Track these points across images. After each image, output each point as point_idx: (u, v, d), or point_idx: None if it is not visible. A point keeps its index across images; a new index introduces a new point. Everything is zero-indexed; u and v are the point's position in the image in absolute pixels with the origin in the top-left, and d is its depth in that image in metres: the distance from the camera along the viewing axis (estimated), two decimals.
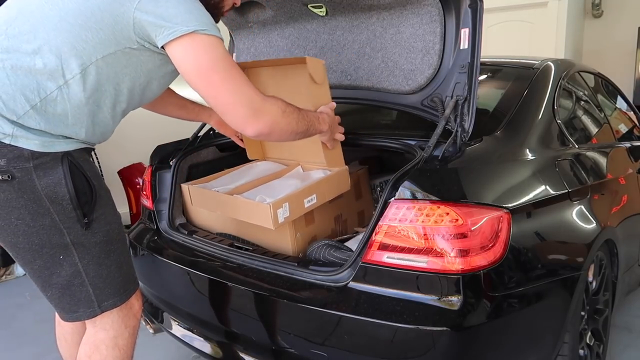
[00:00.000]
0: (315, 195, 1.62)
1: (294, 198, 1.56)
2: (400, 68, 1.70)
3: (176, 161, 1.97)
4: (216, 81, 1.23)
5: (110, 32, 1.21)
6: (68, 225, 1.24)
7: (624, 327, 2.50)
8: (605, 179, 2.02)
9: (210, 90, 1.25)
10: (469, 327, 1.28)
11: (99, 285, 1.31)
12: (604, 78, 2.73)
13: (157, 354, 2.34)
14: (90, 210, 1.27)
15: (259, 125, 1.28)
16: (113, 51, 1.22)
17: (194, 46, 1.22)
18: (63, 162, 1.22)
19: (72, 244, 1.26)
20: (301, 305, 1.42)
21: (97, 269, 1.30)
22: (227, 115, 1.28)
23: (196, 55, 1.23)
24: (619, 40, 5.31)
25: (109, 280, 1.33)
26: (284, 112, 1.33)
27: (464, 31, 1.53)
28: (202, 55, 1.23)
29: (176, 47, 1.22)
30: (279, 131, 1.34)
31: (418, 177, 1.37)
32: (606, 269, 1.92)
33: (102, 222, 1.31)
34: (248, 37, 2.08)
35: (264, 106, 1.28)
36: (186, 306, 1.82)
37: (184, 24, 1.20)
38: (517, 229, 1.38)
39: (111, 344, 1.40)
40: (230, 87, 1.25)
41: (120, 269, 1.36)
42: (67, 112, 1.22)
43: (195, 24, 1.21)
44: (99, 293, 1.32)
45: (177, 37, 1.20)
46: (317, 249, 1.60)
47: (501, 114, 1.76)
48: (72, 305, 1.32)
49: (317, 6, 1.80)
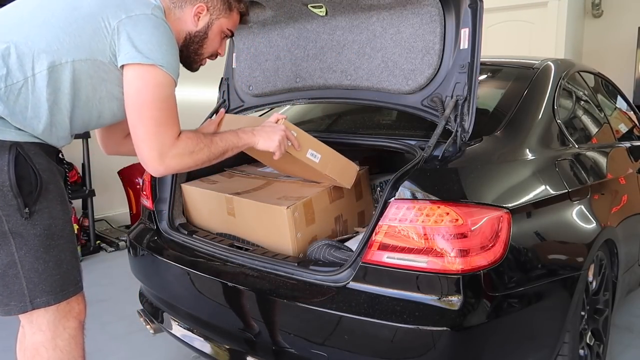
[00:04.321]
0: (320, 156, 1.60)
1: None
2: (400, 68, 1.70)
3: None
4: (144, 117, 1.29)
5: (87, 41, 1.28)
6: (7, 213, 1.24)
7: (624, 327, 2.50)
8: (605, 178, 2.02)
9: (134, 121, 1.30)
10: (469, 327, 1.28)
11: (34, 280, 1.29)
12: (604, 78, 2.73)
13: (157, 354, 2.34)
14: (33, 201, 1.26)
15: (158, 169, 1.33)
16: (84, 58, 1.28)
17: (145, 77, 1.28)
18: (10, 151, 1.23)
19: (9, 232, 1.25)
20: (301, 305, 1.42)
21: (33, 263, 1.28)
22: (136, 148, 1.32)
23: (142, 85, 1.29)
24: (619, 40, 5.31)
25: (44, 276, 1.30)
26: (192, 152, 1.35)
27: (464, 31, 1.53)
28: (146, 89, 1.29)
29: (130, 70, 1.29)
30: (186, 169, 1.39)
31: (418, 177, 1.37)
32: (606, 269, 1.92)
33: (45, 215, 1.29)
34: (248, 37, 2.08)
35: (170, 158, 1.31)
36: (186, 306, 1.82)
37: (148, 54, 1.27)
38: (517, 228, 1.38)
39: (51, 346, 1.36)
40: (151, 129, 1.28)
41: (59, 267, 1.33)
42: (28, 105, 1.26)
43: (158, 58, 1.28)
44: (33, 288, 1.29)
45: (135, 63, 1.27)
46: (317, 249, 1.60)
47: (501, 113, 1.76)
48: (5, 297, 1.30)
49: (317, 6, 1.80)
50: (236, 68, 2.14)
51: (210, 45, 1.52)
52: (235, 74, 2.15)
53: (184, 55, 1.48)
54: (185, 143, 1.34)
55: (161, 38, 1.30)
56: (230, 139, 1.45)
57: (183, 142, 1.34)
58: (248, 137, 1.49)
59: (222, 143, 1.43)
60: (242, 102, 2.15)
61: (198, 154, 1.37)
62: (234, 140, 1.46)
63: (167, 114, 1.31)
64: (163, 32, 1.31)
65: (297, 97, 2.00)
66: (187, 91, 4.64)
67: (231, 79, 2.18)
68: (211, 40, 1.51)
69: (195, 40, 1.48)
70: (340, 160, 1.67)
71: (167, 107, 1.31)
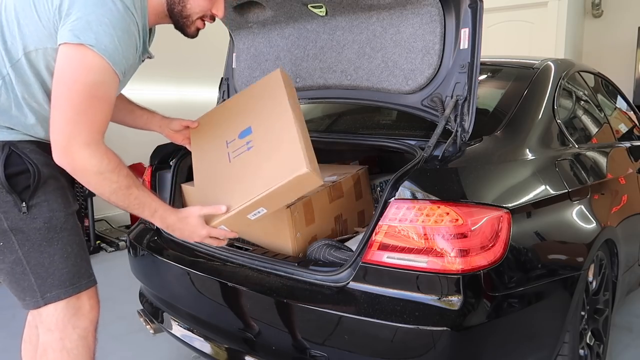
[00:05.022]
0: (264, 209, 1.37)
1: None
2: (400, 68, 1.70)
3: (176, 161, 1.97)
4: (62, 98, 1.15)
5: (34, 28, 1.19)
6: (4, 209, 1.22)
7: (625, 326, 2.51)
8: (605, 178, 2.02)
9: (54, 100, 1.17)
10: (469, 327, 1.28)
11: (41, 275, 1.27)
12: (604, 78, 2.74)
13: (157, 354, 2.34)
14: (30, 195, 1.24)
15: (62, 160, 1.17)
16: (33, 48, 1.21)
17: (70, 56, 1.15)
18: (3, 150, 1.22)
19: (10, 229, 1.24)
20: (301, 305, 1.42)
21: (38, 257, 1.26)
22: (50, 131, 1.18)
23: (66, 64, 1.15)
24: (618, 40, 5.31)
25: (51, 269, 1.28)
26: (100, 173, 1.18)
27: (464, 31, 1.53)
28: (70, 68, 1.15)
29: (61, 50, 1.16)
30: (85, 183, 1.21)
31: (418, 177, 1.37)
32: (606, 269, 1.92)
33: (45, 208, 1.26)
34: (248, 37, 2.08)
35: (77, 151, 1.15)
36: (186, 306, 1.82)
37: (78, 32, 1.13)
38: (517, 228, 1.38)
39: (58, 347, 1.32)
40: (67, 114, 1.15)
41: (67, 260, 1.30)
42: (11, 103, 1.23)
43: (90, 37, 1.13)
44: (42, 283, 1.28)
45: (65, 42, 1.14)
46: (317, 248, 1.60)
47: (501, 113, 1.76)
48: (20, 292, 1.30)
49: (317, 6, 1.80)
50: (236, 68, 2.14)
51: (195, 4, 1.35)
52: (235, 74, 2.15)
53: (173, 20, 1.37)
54: (100, 156, 1.17)
55: (100, 16, 1.13)
56: (146, 207, 1.28)
57: (98, 153, 1.17)
58: (161, 222, 1.32)
59: (135, 200, 1.26)
60: None
61: (104, 182, 1.19)
62: (146, 212, 1.29)
63: (89, 105, 1.15)
64: (106, 10, 1.14)
65: (297, 97, 2.00)
66: (186, 91, 4.66)
67: (231, 79, 2.18)
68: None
69: (176, 1, 1.33)
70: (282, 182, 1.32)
71: (91, 95, 1.15)
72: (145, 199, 1.28)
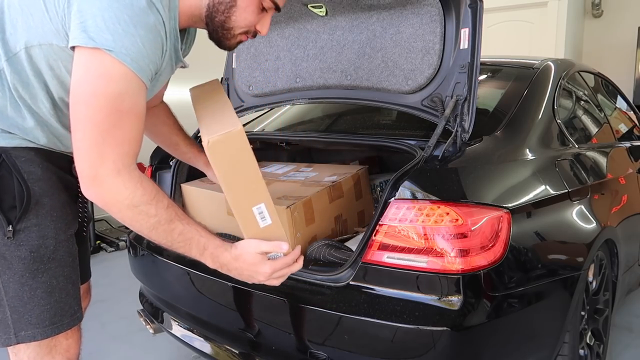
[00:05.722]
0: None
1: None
2: (400, 68, 1.70)
3: (176, 161, 1.97)
4: (82, 117, 0.96)
5: (39, 21, 1.03)
6: None
7: (625, 326, 2.51)
8: (605, 178, 2.02)
9: (72, 121, 0.98)
10: (469, 327, 1.28)
11: (18, 310, 1.10)
12: (604, 78, 2.74)
13: (157, 354, 2.34)
14: (19, 217, 1.08)
15: (90, 192, 0.98)
16: (36, 43, 1.05)
17: (86, 64, 0.96)
18: None
19: None
20: (301, 305, 1.42)
21: (18, 290, 1.09)
22: (75, 157, 0.99)
23: (82, 75, 0.96)
24: (618, 40, 5.31)
25: (30, 305, 1.11)
26: (136, 207, 0.99)
27: (464, 31, 1.53)
28: (86, 79, 0.96)
29: (75, 56, 0.98)
30: (120, 218, 1.01)
31: (418, 177, 1.37)
32: (606, 269, 1.92)
33: (34, 234, 1.09)
34: None
35: (107, 181, 0.96)
36: (186, 306, 1.82)
37: (93, 33, 0.94)
38: (517, 228, 1.38)
39: None
40: (89, 135, 0.95)
41: (50, 296, 1.12)
42: (7, 102, 1.08)
43: (107, 40, 0.93)
44: (17, 318, 1.11)
45: (78, 45, 0.96)
46: (317, 248, 1.60)
47: (501, 113, 1.76)
48: None
49: (317, 6, 1.80)
50: (236, 68, 2.14)
51: (241, 17, 1.15)
52: (235, 74, 2.15)
53: (210, 29, 1.16)
54: (133, 186, 0.97)
55: (119, 13, 0.93)
56: (193, 245, 1.08)
57: (130, 183, 0.97)
58: (213, 262, 1.11)
59: (179, 237, 1.06)
60: (242, 102, 2.15)
61: (140, 217, 1.00)
62: (194, 250, 1.09)
63: (114, 122, 0.96)
64: (125, 5, 0.94)
65: (297, 97, 2.00)
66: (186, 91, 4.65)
67: (231, 79, 2.18)
68: (242, 10, 1.14)
69: (220, 9, 1.12)
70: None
71: (115, 110, 0.95)
72: (192, 234, 1.07)
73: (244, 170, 1.10)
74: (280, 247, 1.11)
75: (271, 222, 1.12)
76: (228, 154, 1.07)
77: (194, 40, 1.32)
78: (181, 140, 1.57)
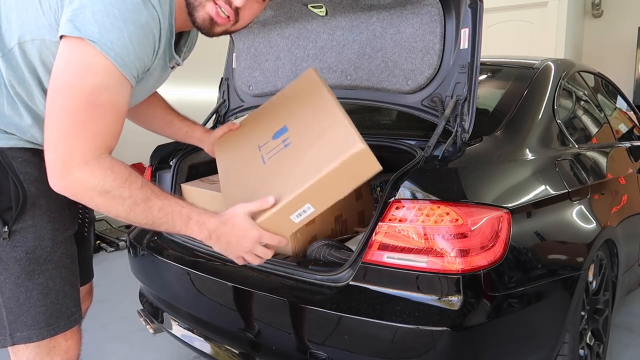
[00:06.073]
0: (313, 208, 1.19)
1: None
2: (400, 68, 1.70)
3: (176, 161, 1.97)
4: (57, 106, 0.95)
5: (33, 15, 1.01)
6: None
7: (625, 326, 2.51)
8: (605, 178, 2.02)
9: (47, 109, 0.97)
10: (469, 327, 1.28)
11: (14, 311, 1.10)
12: (604, 78, 2.74)
13: (157, 354, 2.34)
14: (14, 218, 1.07)
15: (58, 185, 0.97)
16: (29, 39, 1.03)
17: (68, 54, 0.95)
18: None
19: None
20: (301, 305, 1.42)
21: (13, 290, 1.09)
22: (44, 146, 0.98)
23: (63, 64, 0.95)
24: (618, 40, 5.31)
25: (26, 307, 1.10)
26: (108, 193, 0.97)
27: (464, 31, 1.53)
28: (66, 69, 0.94)
29: (60, 46, 0.97)
30: (94, 207, 1.01)
31: (418, 177, 1.37)
32: (606, 269, 1.92)
33: (30, 235, 1.09)
34: (248, 37, 2.08)
35: (75, 173, 0.95)
36: (186, 306, 1.82)
37: (79, 23, 0.93)
38: (517, 228, 1.38)
39: None
40: (62, 126, 0.94)
41: (46, 297, 1.12)
42: (3, 99, 1.07)
43: (92, 31, 0.92)
44: (13, 320, 1.10)
45: (64, 34, 0.95)
46: (317, 248, 1.60)
47: (501, 113, 1.76)
48: None
49: (317, 6, 1.80)
50: (236, 68, 2.14)
51: None
52: (235, 74, 2.15)
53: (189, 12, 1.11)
54: (101, 173, 0.96)
55: (109, 7, 0.92)
56: (176, 217, 1.05)
57: (99, 170, 0.96)
58: (200, 230, 1.08)
59: (160, 213, 1.03)
60: (242, 102, 2.15)
61: (114, 202, 0.98)
62: (178, 223, 1.06)
63: (88, 115, 0.94)
64: (118, 0, 0.93)
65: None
66: (186, 91, 4.65)
67: (231, 79, 2.18)
68: None
69: None
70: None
71: (90, 103, 0.94)
72: (172, 207, 1.04)
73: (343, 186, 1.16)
74: (267, 201, 1.11)
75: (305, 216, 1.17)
76: (360, 165, 1.13)
77: (194, 45, 1.32)
78: (175, 117, 1.57)
